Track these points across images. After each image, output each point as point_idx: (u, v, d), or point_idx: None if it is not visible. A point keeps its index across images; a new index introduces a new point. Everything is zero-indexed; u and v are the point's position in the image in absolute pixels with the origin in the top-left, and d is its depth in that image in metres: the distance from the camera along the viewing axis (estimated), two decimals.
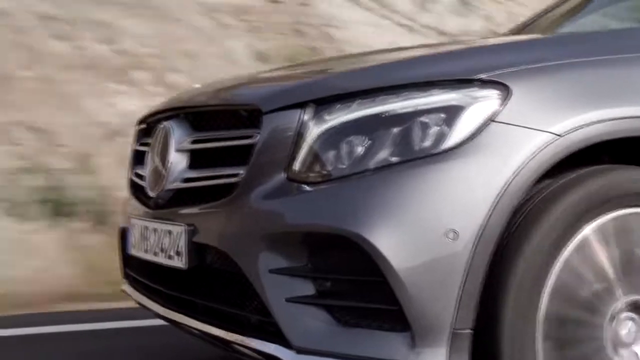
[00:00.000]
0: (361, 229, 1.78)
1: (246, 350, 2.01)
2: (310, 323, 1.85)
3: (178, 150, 2.25)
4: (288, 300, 1.86)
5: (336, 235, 1.82)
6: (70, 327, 3.88)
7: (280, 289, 1.88)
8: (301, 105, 1.96)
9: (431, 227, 1.78)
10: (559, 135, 1.84)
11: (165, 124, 2.35)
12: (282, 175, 1.95)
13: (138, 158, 2.75)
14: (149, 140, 2.59)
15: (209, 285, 2.13)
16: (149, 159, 2.43)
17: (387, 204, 1.80)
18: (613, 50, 2.07)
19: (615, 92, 1.95)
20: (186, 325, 2.24)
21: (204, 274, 2.14)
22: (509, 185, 1.80)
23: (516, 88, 1.87)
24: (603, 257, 1.90)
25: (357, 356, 1.80)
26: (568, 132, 1.85)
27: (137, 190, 2.61)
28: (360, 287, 1.83)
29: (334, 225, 1.82)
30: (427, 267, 1.76)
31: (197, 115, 2.32)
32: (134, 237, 2.48)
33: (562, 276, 1.85)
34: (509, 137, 1.83)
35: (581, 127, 1.86)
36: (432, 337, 1.76)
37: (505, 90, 1.86)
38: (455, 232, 1.77)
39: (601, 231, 1.90)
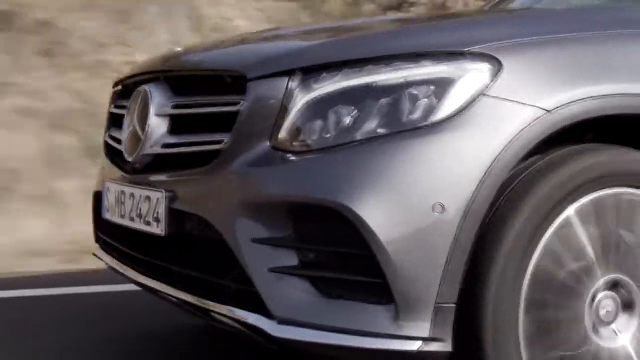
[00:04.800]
0: (348, 200, 1.76)
1: (226, 320, 1.99)
2: (293, 294, 1.83)
3: (158, 115, 2.20)
4: (271, 270, 1.84)
5: (322, 207, 1.79)
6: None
7: (263, 259, 1.86)
8: (288, 73, 1.93)
9: (419, 200, 1.76)
10: (548, 110, 1.83)
11: (145, 87, 2.29)
12: (266, 144, 1.92)
13: (114, 121, 2.70)
14: (126, 103, 2.54)
15: (187, 252, 2.10)
16: (126, 123, 2.37)
17: (374, 175, 1.78)
18: (604, 26, 2.05)
19: (605, 69, 1.94)
20: (163, 292, 2.21)
21: (183, 241, 2.11)
22: (497, 160, 1.79)
23: (507, 62, 1.85)
24: (584, 237, 1.89)
25: (339, 328, 1.79)
26: (557, 108, 1.84)
27: (113, 154, 2.56)
28: (345, 259, 1.81)
29: (321, 196, 1.80)
30: (414, 240, 1.75)
31: (178, 79, 2.27)
32: (108, 201, 2.43)
33: (545, 255, 1.85)
34: (499, 111, 1.81)
35: (570, 103, 1.85)
36: (416, 311, 1.76)
37: (497, 64, 1.84)
38: (442, 205, 1.75)
39: (583, 212, 1.89)
